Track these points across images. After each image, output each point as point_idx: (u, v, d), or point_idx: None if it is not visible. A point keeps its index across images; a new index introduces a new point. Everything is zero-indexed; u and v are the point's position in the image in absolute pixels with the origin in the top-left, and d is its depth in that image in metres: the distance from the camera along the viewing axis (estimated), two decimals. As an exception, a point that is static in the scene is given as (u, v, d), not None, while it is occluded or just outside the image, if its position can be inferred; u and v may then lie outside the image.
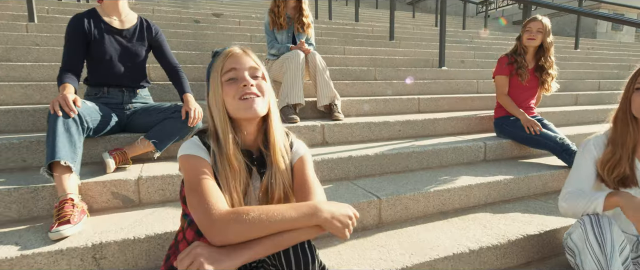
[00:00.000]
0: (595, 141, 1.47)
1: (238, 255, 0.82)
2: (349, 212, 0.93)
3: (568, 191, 1.43)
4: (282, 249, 0.87)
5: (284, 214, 0.86)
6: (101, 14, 1.91)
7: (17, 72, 2.62)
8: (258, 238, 0.85)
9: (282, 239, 0.87)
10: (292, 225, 0.87)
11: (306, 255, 0.88)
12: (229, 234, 0.83)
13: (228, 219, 0.84)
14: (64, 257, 1.24)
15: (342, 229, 0.90)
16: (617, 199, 1.26)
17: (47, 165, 1.44)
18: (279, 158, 1.03)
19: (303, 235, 0.89)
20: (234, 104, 0.98)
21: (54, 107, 1.51)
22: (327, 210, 0.90)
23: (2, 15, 3.68)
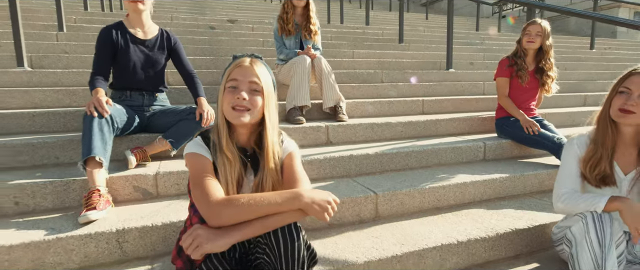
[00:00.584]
0: (578, 140, 1.55)
1: (230, 235, 0.98)
2: (329, 198, 1.07)
3: (563, 192, 1.49)
4: (270, 230, 1.02)
5: (270, 199, 1.01)
6: (127, 26, 2.11)
7: (49, 78, 2.87)
8: (248, 221, 1.00)
9: (268, 221, 1.02)
10: (277, 209, 1.02)
11: (291, 234, 1.03)
12: (222, 217, 0.99)
13: (222, 204, 1.00)
14: (92, 240, 1.43)
15: (321, 213, 1.04)
16: (618, 204, 1.30)
17: (83, 160, 1.63)
18: (270, 159, 1.18)
19: (288, 218, 1.04)
20: (227, 109, 1.14)
21: (90, 109, 1.72)
22: (307, 196, 1.04)
23: (34, 25, 3.98)
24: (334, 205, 1.08)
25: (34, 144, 1.95)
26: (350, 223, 1.83)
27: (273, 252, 1.03)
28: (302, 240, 1.05)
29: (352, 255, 1.49)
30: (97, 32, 4.01)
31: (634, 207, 1.28)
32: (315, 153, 2.23)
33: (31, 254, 1.36)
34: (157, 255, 1.50)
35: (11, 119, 2.22)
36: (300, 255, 1.03)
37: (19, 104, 2.53)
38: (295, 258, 1.02)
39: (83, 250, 1.42)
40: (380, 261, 1.48)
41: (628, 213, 1.27)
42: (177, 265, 1.15)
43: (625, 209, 1.28)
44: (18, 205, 1.63)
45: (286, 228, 1.03)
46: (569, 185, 1.50)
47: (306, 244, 1.08)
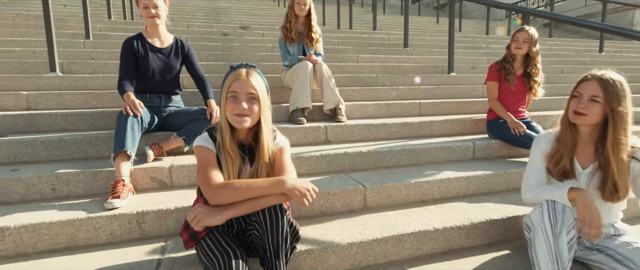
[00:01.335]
0: (545, 137, 1.72)
1: (225, 212, 1.22)
2: (308, 186, 1.29)
3: (529, 184, 1.67)
4: (257, 210, 1.25)
5: (259, 184, 1.25)
6: (146, 36, 2.39)
7: (77, 82, 3.19)
8: (241, 201, 1.23)
9: (257, 202, 1.25)
10: (264, 192, 1.25)
11: (276, 213, 1.25)
12: (220, 198, 1.23)
13: (220, 187, 1.24)
14: (116, 220, 1.69)
15: (301, 197, 1.27)
16: (574, 194, 1.45)
17: (115, 153, 1.90)
18: (265, 153, 1.41)
19: (273, 200, 1.26)
20: (230, 116, 1.37)
21: (126, 109, 2.01)
22: (290, 183, 1.27)
23: (64, 33, 4.35)
24: (313, 194, 1.30)
25: (66, 140, 2.25)
26: (341, 212, 2.04)
27: (262, 227, 1.26)
28: (285, 218, 1.27)
29: (338, 238, 1.71)
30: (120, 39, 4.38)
31: (586, 198, 1.45)
32: (314, 150, 2.45)
33: (67, 230, 1.63)
34: (170, 235, 1.75)
35: (46, 118, 2.53)
36: (284, 230, 1.26)
37: (52, 105, 2.85)
38: (279, 232, 1.25)
39: (109, 228, 1.68)
40: (362, 243, 1.69)
41: (580, 203, 1.44)
42: (183, 238, 1.40)
43: (579, 199, 1.44)
44: (55, 191, 1.91)
45: (272, 208, 1.26)
46: (535, 178, 1.67)
47: (289, 222, 1.30)
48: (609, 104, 1.45)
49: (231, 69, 1.45)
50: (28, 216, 1.65)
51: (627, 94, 1.47)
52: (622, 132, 1.44)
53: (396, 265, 1.74)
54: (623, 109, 1.44)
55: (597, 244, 1.62)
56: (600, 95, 1.46)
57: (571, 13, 11.35)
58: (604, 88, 1.46)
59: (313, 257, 1.62)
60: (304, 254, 1.60)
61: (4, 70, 3.29)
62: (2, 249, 1.56)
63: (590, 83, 1.50)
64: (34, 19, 4.89)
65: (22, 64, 3.37)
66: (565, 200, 1.46)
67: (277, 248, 1.24)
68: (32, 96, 2.82)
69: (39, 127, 2.51)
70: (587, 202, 1.41)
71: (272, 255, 1.25)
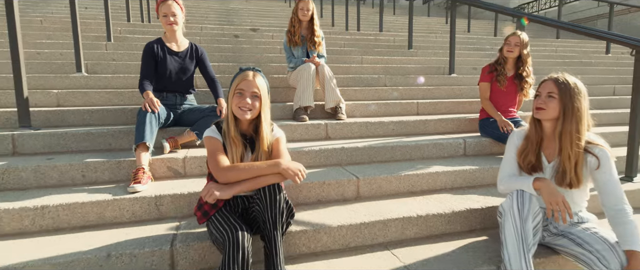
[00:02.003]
0: (518, 134, 1.91)
1: (232, 188, 1.47)
2: (299, 167, 1.53)
3: (503, 176, 1.86)
4: (258, 187, 1.49)
5: (259, 165, 1.49)
6: (165, 41, 2.66)
7: (101, 82, 3.49)
8: (244, 179, 1.47)
9: (257, 181, 1.49)
10: (263, 172, 1.49)
11: (274, 190, 1.49)
12: (227, 176, 1.47)
13: (227, 169, 1.48)
14: (137, 202, 1.95)
15: (293, 176, 1.51)
16: (539, 184, 1.64)
17: (136, 145, 2.17)
18: (264, 143, 1.65)
19: (271, 179, 1.50)
20: (235, 108, 1.61)
21: (145, 106, 2.28)
22: (284, 164, 1.50)
23: (87, 36, 4.67)
24: (303, 173, 1.54)
25: (93, 134, 2.52)
26: (335, 201, 2.26)
27: (262, 202, 1.50)
28: (282, 195, 1.51)
29: (330, 221, 1.93)
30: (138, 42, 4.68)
31: (550, 187, 1.63)
32: (314, 145, 2.68)
33: (96, 209, 1.90)
34: (184, 216, 2.00)
35: (75, 114, 2.82)
36: (281, 205, 1.49)
37: (79, 102, 3.14)
38: (277, 206, 1.48)
39: (131, 209, 1.94)
40: (351, 226, 1.91)
41: (545, 191, 1.62)
42: (197, 216, 1.64)
43: (544, 188, 1.63)
44: (84, 177, 2.19)
45: (271, 186, 1.50)
46: (508, 171, 1.86)
47: (285, 199, 1.54)
48: (563, 99, 1.63)
49: (240, 70, 1.69)
50: (63, 197, 1.92)
51: (581, 93, 1.64)
52: (575, 125, 1.62)
53: (382, 246, 1.95)
54: (577, 105, 1.62)
55: (562, 230, 1.80)
56: (556, 91, 1.64)
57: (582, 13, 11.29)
58: (558, 86, 1.64)
59: (307, 236, 1.84)
60: (299, 234, 1.83)
61: (35, 70, 3.61)
62: (43, 225, 1.83)
63: (547, 83, 1.69)
64: (60, 22, 5.25)
65: (51, 65, 3.69)
66: (531, 190, 1.65)
67: (275, 220, 1.48)
68: (62, 94, 3.12)
69: (69, 122, 2.81)
70: (550, 189, 1.60)
71: (271, 226, 1.48)
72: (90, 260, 1.57)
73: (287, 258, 1.79)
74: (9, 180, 2.09)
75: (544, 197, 1.60)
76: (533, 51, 6.62)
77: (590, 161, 1.66)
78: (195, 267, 1.70)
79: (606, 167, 1.62)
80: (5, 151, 2.38)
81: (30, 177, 2.11)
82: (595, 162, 1.64)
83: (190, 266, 1.69)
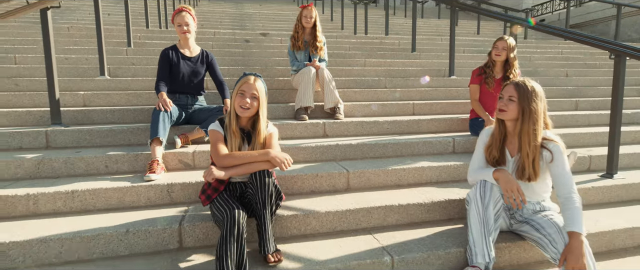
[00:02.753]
0: (486, 132, 2.11)
1: (229, 171, 1.76)
2: (286, 156, 1.81)
3: (471, 169, 2.07)
4: (251, 173, 1.75)
5: (252, 153, 1.77)
6: (179, 47, 2.96)
7: (122, 84, 3.84)
8: (239, 164, 1.75)
9: (250, 166, 1.77)
10: (255, 159, 1.77)
11: (263, 175, 1.75)
12: (225, 162, 1.75)
13: (225, 156, 1.76)
14: (152, 189, 2.24)
15: (280, 163, 1.78)
16: (497, 174, 1.85)
17: (151, 139, 2.47)
18: (260, 137, 1.92)
19: (262, 166, 1.77)
20: (237, 107, 1.88)
21: (158, 106, 2.58)
22: (273, 153, 1.78)
23: (110, 42, 5.06)
24: (289, 162, 1.83)
25: (114, 130, 2.85)
26: (327, 191, 2.50)
27: (254, 185, 1.76)
28: (270, 180, 1.77)
29: (319, 208, 2.17)
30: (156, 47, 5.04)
31: (507, 177, 1.83)
32: (311, 142, 2.93)
33: (117, 194, 2.20)
34: (191, 202, 2.29)
35: (99, 113, 3.16)
36: (269, 188, 1.75)
37: (103, 103, 3.49)
38: (265, 189, 1.74)
39: (147, 195, 2.24)
40: (337, 212, 2.15)
41: (502, 181, 1.83)
42: (201, 199, 1.91)
43: (501, 177, 1.84)
44: (107, 167, 2.50)
45: (261, 172, 1.77)
46: (477, 164, 2.06)
47: (274, 184, 1.79)
48: (521, 102, 1.83)
49: (244, 74, 1.96)
50: (89, 184, 2.23)
51: (538, 96, 1.84)
52: (532, 125, 1.82)
53: (365, 231, 2.18)
54: (534, 107, 1.82)
55: (526, 218, 1.99)
56: (515, 95, 1.85)
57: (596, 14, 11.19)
58: (517, 90, 1.84)
59: (298, 220, 2.10)
60: (291, 218, 2.09)
61: (64, 74, 3.99)
62: (73, 206, 2.15)
63: (508, 87, 1.89)
64: (85, 29, 5.67)
65: (78, 69, 4.06)
66: (491, 180, 1.86)
67: (264, 200, 1.74)
68: (87, 95, 3.47)
69: (94, 120, 3.15)
70: (507, 178, 1.80)
71: (261, 206, 1.75)
72: (112, 234, 1.86)
73: (280, 238, 2.05)
74: (43, 170, 2.42)
75: (501, 186, 1.81)
76: (539, 53, 6.70)
77: (545, 155, 1.85)
78: (199, 243, 1.97)
79: (559, 161, 1.81)
80: (40, 145, 2.73)
81: (61, 167, 2.44)
82: (549, 156, 1.83)
83: (195, 243, 1.97)
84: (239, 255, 1.59)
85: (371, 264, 1.82)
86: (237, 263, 1.58)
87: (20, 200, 2.08)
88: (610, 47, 2.78)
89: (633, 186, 2.71)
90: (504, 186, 1.80)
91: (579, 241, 1.62)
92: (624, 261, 2.11)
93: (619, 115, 2.80)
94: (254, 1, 14.48)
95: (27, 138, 2.71)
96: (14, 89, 3.60)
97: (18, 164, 2.40)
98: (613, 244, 2.21)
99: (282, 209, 2.13)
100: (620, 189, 2.68)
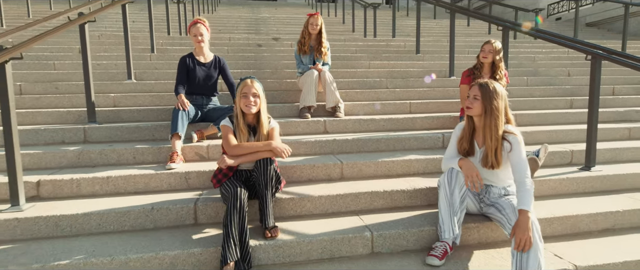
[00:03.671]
0: (460, 126, 2.39)
1: (238, 159, 2.14)
2: (286, 147, 2.18)
3: (445, 158, 2.36)
4: (256, 160, 2.12)
5: (257, 144, 2.15)
6: (195, 54, 3.37)
7: (146, 86, 4.29)
8: (246, 153, 2.13)
9: (255, 155, 2.14)
10: (259, 149, 2.14)
11: (266, 162, 2.11)
12: (234, 151, 2.13)
13: (235, 146, 2.14)
14: (172, 176, 2.64)
15: (280, 153, 2.15)
16: (461, 162, 2.15)
17: (171, 134, 2.88)
18: (263, 130, 2.28)
19: (265, 155, 2.15)
20: (243, 107, 2.24)
21: (178, 106, 2.99)
22: (275, 145, 2.15)
23: (135, 48, 5.55)
24: (288, 152, 2.19)
25: (141, 127, 3.28)
26: (322, 180, 2.84)
27: (258, 171, 2.12)
28: (272, 166, 2.13)
29: (313, 193, 2.51)
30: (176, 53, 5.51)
31: (468, 164, 2.12)
32: (312, 138, 3.28)
33: (143, 180, 2.61)
34: (205, 187, 2.67)
35: (127, 113, 3.61)
36: (270, 173, 2.11)
37: (130, 103, 3.95)
38: (268, 173, 2.10)
39: (168, 181, 2.64)
40: (329, 196, 2.49)
41: (464, 168, 2.12)
42: (213, 182, 2.29)
43: (464, 165, 2.13)
44: (135, 158, 2.93)
45: (264, 159, 2.13)
46: (450, 154, 2.35)
47: (275, 170, 2.15)
48: (484, 101, 2.11)
49: (241, 80, 2.33)
50: (120, 172, 2.65)
51: (499, 95, 2.11)
52: (494, 120, 2.09)
53: (353, 213, 2.51)
54: (495, 105, 2.09)
55: (493, 201, 2.27)
56: (479, 94, 2.13)
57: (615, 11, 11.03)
58: (481, 90, 2.13)
59: (295, 203, 2.45)
60: (288, 201, 2.44)
61: (97, 78, 4.48)
62: (107, 190, 2.57)
63: (474, 87, 2.18)
64: (113, 36, 6.22)
65: (108, 73, 4.55)
66: (456, 167, 2.16)
67: (266, 182, 2.11)
68: (117, 97, 3.94)
69: (123, 118, 3.60)
70: (468, 166, 2.10)
71: (263, 187, 2.11)
72: (140, 211, 2.27)
73: (279, 218, 2.40)
74: (83, 159, 2.86)
75: (463, 172, 2.10)
76: (544, 53, 6.81)
77: (506, 146, 2.13)
78: (210, 220, 2.35)
79: (516, 151, 2.09)
80: (79, 139, 3.19)
81: (97, 157, 2.88)
82: (508, 146, 2.11)
83: (207, 219, 2.35)
84: (241, 224, 1.96)
85: (353, 237, 2.15)
86: (239, 230, 1.95)
87: (65, 183, 2.52)
88: (585, 49, 3.00)
89: (607, 178, 2.93)
90: (465, 172, 2.09)
91: (526, 217, 1.90)
92: (586, 242, 2.36)
93: (595, 114, 3.03)
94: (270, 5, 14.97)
95: (68, 133, 3.17)
96: (55, 91, 4.11)
97: (62, 155, 2.85)
98: (578, 227, 2.46)
99: (281, 193, 2.49)
100: (594, 180, 2.91)
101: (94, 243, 2.07)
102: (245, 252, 1.97)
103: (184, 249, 1.99)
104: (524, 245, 1.85)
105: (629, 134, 3.87)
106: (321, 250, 2.12)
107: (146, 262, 1.93)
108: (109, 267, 1.89)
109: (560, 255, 2.16)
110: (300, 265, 2.06)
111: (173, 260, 1.96)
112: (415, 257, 2.15)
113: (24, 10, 8.36)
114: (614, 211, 2.50)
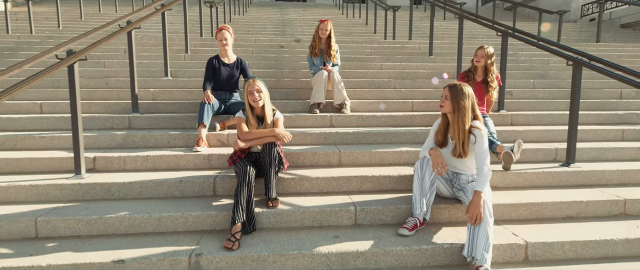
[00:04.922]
0: (438, 121, 2.78)
1: (249, 142, 2.68)
2: (287, 133, 2.69)
3: (422, 148, 2.76)
4: (263, 143, 2.64)
5: (263, 131, 2.68)
6: (220, 56, 3.94)
7: (180, 83, 4.93)
8: (255, 138, 2.66)
9: (262, 140, 2.67)
10: (265, 134, 2.67)
11: (271, 146, 2.62)
12: (246, 137, 2.68)
13: (246, 132, 2.68)
14: (198, 157, 3.21)
15: (282, 138, 2.67)
16: (431, 151, 2.55)
17: (198, 123, 3.46)
18: (268, 121, 2.79)
19: (270, 139, 2.66)
20: (250, 101, 2.76)
21: (204, 99, 3.56)
22: (278, 131, 2.67)
23: (172, 49, 6.24)
24: (289, 137, 2.69)
25: (174, 118, 3.89)
26: (323, 166, 3.31)
27: (264, 152, 2.63)
28: (275, 149, 2.62)
29: (312, 175, 2.99)
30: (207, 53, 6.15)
31: (436, 153, 2.50)
32: (318, 130, 3.75)
33: (175, 160, 3.19)
34: (224, 167, 3.22)
35: (164, 105, 4.25)
36: (274, 154, 2.61)
37: (166, 98, 4.59)
38: (272, 154, 2.60)
39: (194, 161, 3.21)
40: (324, 178, 2.96)
41: (432, 156, 2.52)
42: (229, 162, 2.82)
43: (432, 154, 2.53)
44: (169, 142, 3.53)
45: (270, 143, 2.64)
46: (427, 144, 2.75)
47: (278, 152, 2.65)
48: (453, 100, 2.49)
49: (245, 80, 2.85)
50: (157, 152, 3.25)
51: (466, 95, 2.48)
52: (462, 117, 2.47)
53: (345, 193, 2.96)
54: (462, 104, 2.47)
55: (462, 186, 2.65)
56: (449, 95, 2.52)
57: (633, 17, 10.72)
58: (451, 91, 2.51)
59: (295, 182, 2.94)
60: (289, 180, 2.93)
61: (139, 75, 5.18)
62: (147, 166, 3.18)
63: (445, 88, 2.56)
64: (153, 38, 6.97)
65: (149, 71, 5.24)
66: (427, 155, 2.57)
67: (270, 161, 2.61)
68: (156, 92, 4.59)
69: (160, 110, 4.24)
70: (435, 154, 2.50)
71: (268, 165, 2.61)
72: (171, 182, 2.84)
73: (281, 193, 2.89)
74: (128, 142, 3.50)
75: (431, 158, 2.50)
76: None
77: (471, 139, 2.51)
78: (226, 193, 2.89)
79: (480, 143, 2.46)
80: (125, 126, 3.85)
81: (139, 140, 3.50)
82: (474, 139, 2.49)
83: (223, 192, 2.89)
84: (248, 195, 2.47)
85: (339, 210, 2.61)
86: (246, 199, 2.46)
87: (115, 160, 3.15)
88: (567, 55, 3.28)
89: (582, 173, 3.20)
90: (433, 159, 2.49)
91: (479, 197, 2.28)
92: (547, 226, 2.68)
93: (575, 115, 3.30)
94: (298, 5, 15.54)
95: (116, 121, 3.84)
96: (106, 86, 4.84)
97: (111, 138, 3.50)
98: (542, 213, 2.78)
99: (285, 174, 2.98)
100: (569, 175, 3.19)
101: (136, 204, 2.66)
102: (251, 217, 2.48)
103: (204, 212, 2.53)
104: (475, 219, 2.24)
105: (622, 135, 4.05)
106: (312, 219, 2.59)
107: (175, 219, 2.49)
108: (147, 221, 2.46)
109: (518, 233, 2.51)
110: (294, 230, 2.55)
111: (195, 220, 2.51)
112: (391, 229, 2.57)
113: (77, 12, 9.37)
114: (578, 201, 2.80)
